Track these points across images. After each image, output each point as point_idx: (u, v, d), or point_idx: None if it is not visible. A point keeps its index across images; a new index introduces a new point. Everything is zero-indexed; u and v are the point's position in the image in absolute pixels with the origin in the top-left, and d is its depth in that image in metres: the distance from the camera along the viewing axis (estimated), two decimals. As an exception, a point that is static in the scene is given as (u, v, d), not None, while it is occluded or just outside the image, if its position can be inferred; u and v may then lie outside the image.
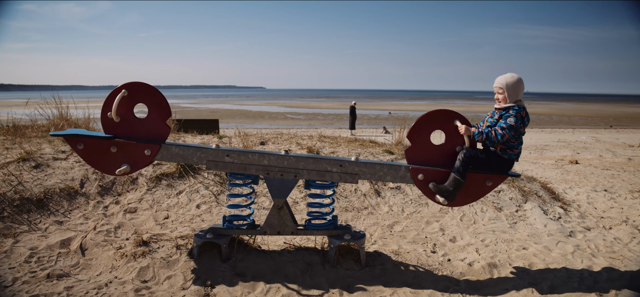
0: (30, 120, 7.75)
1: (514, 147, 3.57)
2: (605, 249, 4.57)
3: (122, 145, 3.62)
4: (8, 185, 4.79)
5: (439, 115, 3.66)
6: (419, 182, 3.70)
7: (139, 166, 3.68)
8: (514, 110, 3.47)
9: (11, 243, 4.02)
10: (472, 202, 3.81)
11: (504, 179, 3.72)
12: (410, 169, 3.70)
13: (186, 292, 3.42)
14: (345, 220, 5.16)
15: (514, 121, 3.43)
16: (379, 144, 7.77)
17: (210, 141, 7.05)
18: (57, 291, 3.35)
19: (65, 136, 3.60)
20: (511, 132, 3.43)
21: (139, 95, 3.62)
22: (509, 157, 3.58)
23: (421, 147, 3.69)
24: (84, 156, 3.63)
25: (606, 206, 6.40)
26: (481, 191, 3.72)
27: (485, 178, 3.66)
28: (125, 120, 3.63)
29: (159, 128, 3.68)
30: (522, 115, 3.49)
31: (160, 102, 3.64)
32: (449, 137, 3.68)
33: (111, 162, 3.64)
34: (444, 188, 3.56)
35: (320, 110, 52.40)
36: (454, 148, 3.66)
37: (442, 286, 3.67)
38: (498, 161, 3.59)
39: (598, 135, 21.13)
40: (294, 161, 3.73)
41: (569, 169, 10.00)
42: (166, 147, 3.69)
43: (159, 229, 4.54)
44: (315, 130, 12.73)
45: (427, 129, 3.68)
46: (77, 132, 3.62)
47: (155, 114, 3.65)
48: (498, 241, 4.67)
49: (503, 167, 3.63)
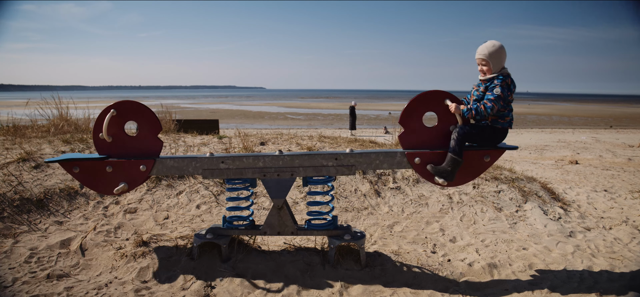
0: (30, 121, 7.75)
1: (505, 115, 3.50)
2: (605, 250, 4.57)
3: (117, 165, 3.66)
4: (8, 185, 4.79)
5: (429, 97, 3.64)
6: (416, 166, 3.68)
7: (137, 183, 3.72)
8: (499, 79, 3.39)
9: (11, 243, 4.02)
10: (471, 179, 3.76)
11: (501, 153, 3.68)
12: (406, 154, 3.68)
13: (186, 292, 3.42)
14: (345, 220, 5.16)
15: (501, 91, 3.35)
16: (378, 144, 7.77)
17: (210, 141, 7.05)
18: (57, 291, 3.35)
19: (61, 162, 3.67)
20: (500, 103, 3.35)
21: (128, 113, 3.67)
22: (502, 126, 3.52)
23: (415, 130, 3.68)
24: (81, 178, 3.69)
25: (606, 206, 6.40)
26: (480, 167, 3.69)
27: (483, 154, 3.63)
28: (118, 139, 3.68)
29: (151, 143, 3.71)
30: (508, 83, 3.41)
31: (150, 118, 3.68)
32: (441, 117, 3.65)
33: (108, 182, 3.69)
34: (442, 169, 3.53)
35: (320, 111, 52.41)
36: (447, 128, 3.63)
37: (442, 287, 3.67)
38: (492, 132, 3.53)
39: (598, 136, 21.14)
40: (289, 160, 3.74)
41: (569, 169, 10.00)
42: (161, 161, 3.73)
43: (159, 230, 4.54)
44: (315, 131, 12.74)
45: (418, 112, 3.66)
46: (72, 156, 3.70)
47: (146, 129, 3.69)
48: (498, 241, 4.67)
49: (497, 138, 3.57)
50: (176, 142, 6.90)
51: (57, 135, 6.75)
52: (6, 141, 6.09)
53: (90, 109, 8.31)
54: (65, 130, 7.41)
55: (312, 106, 63.13)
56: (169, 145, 6.68)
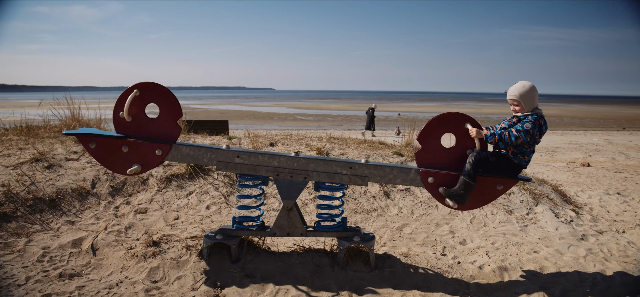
0: (43, 121, 7.84)
1: (526, 153, 3.55)
2: (618, 253, 4.51)
3: (134, 145, 3.64)
4: (21, 185, 4.85)
5: (450, 119, 3.64)
6: (428, 186, 3.69)
7: (150, 166, 3.71)
8: (533, 117, 3.46)
9: (24, 242, 4.07)
10: (482, 205, 3.78)
11: (514, 182, 3.69)
12: (420, 172, 3.69)
13: (196, 292, 3.43)
14: (355, 222, 5.15)
15: (531, 127, 3.41)
16: (388, 146, 7.75)
17: (220, 142, 7.08)
18: (69, 290, 3.38)
19: (78, 135, 3.63)
20: (526, 137, 3.40)
21: (151, 96, 3.64)
22: (519, 162, 3.56)
23: (431, 150, 3.68)
24: (96, 155, 3.67)
25: (619, 209, 6.31)
26: (491, 194, 3.69)
27: (496, 182, 3.63)
28: (137, 120, 3.66)
29: (170, 128, 3.70)
30: (541, 123, 3.47)
31: (172, 103, 3.66)
32: (460, 140, 3.66)
33: (122, 161, 3.67)
34: (454, 191, 3.55)
35: (329, 112, 52.42)
36: (464, 151, 3.65)
37: (451, 289, 3.65)
38: (508, 164, 3.56)
39: (610, 138, 20.88)
40: (304, 163, 3.73)
41: (581, 171, 9.88)
42: (177, 148, 3.71)
43: (169, 230, 4.57)
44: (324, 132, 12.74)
45: (437, 132, 3.66)
46: (90, 131, 3.66)
47: (167, 114, 3.68)
48: (509, 244, 4.63)
49: (512, 172, 3.61)
50: (186, 142, 6.93)
51: (69, 136, 6.82)
52: (20, 141, 6.17)
53: (102, 109, 8.38)
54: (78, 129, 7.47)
55: (321, 107, 63.17)
56: (179, 146, 6.71)
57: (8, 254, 3.87)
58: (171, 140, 3.72)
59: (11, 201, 4.58)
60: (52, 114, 7.88)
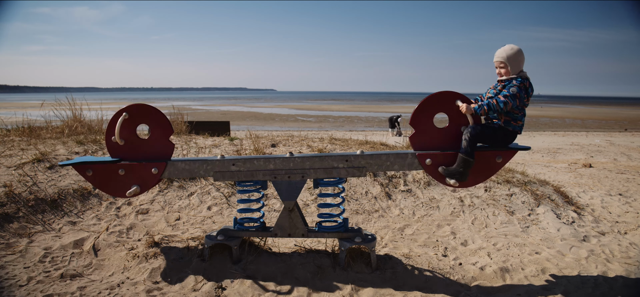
0: (45, 122, 7.86)
1: (518, 118, 3.50)
2: (620, 255, 4.50)
3: (130, 167, 3.70)
4: (23, 185, 4.86)
5: (440, 98, 3.62)
6: (427, 168, 3.66)
7: (149, 186, 3.76)
8: (518, 80, 3.41)
9: (26, 243, 4.08)
10: (483, 180, 3.74)
11: (513, 153, 3.65)
12: (417, 156, 3.66)
13: (197, 293, 3.44)
14: (356, 223, 5.15)
15: (517, 91, 3.36)
16: (389, 146, 7.75)
17: (221, 143, 7.09)
18: (71, 290, 3.39)
19: (74, 165, 3.72)
20: (515, 102, 3.35)
21: (140, 117, 3.70)
22: (513, 128, 3.52)
23: (426, 132, 3.66)
24: (94, 182, 3.74)
25: (621, 210, 6.30)
26: (492, 168, 3.66)
27: (495, 155, 3.60)
28: (130, 142, 3.72)
29: (163, 146, 3.74)
30: (526, 85, 3.42)
31: (161, 121, 3.71)
32: (453, 118, 3.64)
33: (120, 184, 3.73)
34: (453, 170, 3.52)
35: (331, 113, 52.42)
36: (458, 129, 3.61)
37: (453, 291, 3.65)
38: (503, 133, 3.52)
39: (612, 139, 20.83)
40: (299, 162, 3.74)
41: (583, 172, 9.86)
42: (172, 164, 3.76)
43: (171, 231, 4.58)
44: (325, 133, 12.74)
45: (429, 113, 3.64)
46: (85, 159, 3.74)
47: (158, 132, 3.72)
48: (510, 245, 4.62)
49: (509, 139, 3.57)
50: (188, 143, 6.94)
51: (70, 137, 6.84)
52: (22, 142, 6.19)
53: (104, 110, 8.40)
54: (79, 131, 7.51)
55: (322, 108, 63.17)
56: (181, 146, 6.73)
57: (10, 254, 3.88)
58: (166, 158, 3.77)
59: (13, 201, 4.59)
60: (54, 115, 7.89)
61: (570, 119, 45.75)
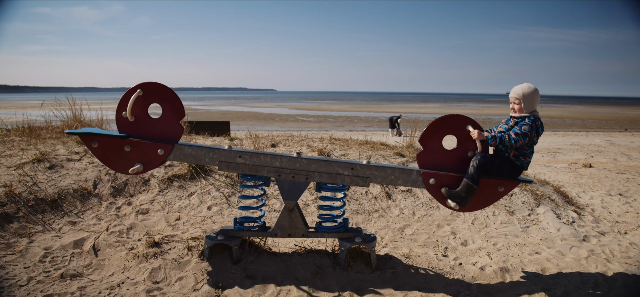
0: (45, 122, 7.85)
1: (526, 154, 3.61)
2: (620, 255, 4.50)
3: (136, 145, 3.66)
4: (23, 185, 4.86)
5: (451, 120, 3.65)
6: (430, 187, 3.69)
7: (152, 166, 3.72)
8: (530, 119, 3.52)
9: (26, 243, 4.08)
10: (483, 207, 3.79)
11: (516, 185, 3.72)
12: (422, 174, 3.69)
13: (197, 293, 3.44)
14: (356, 223, 5.15)
15: (529, 130, 3.47)
16: (389, 147, 7.74)
17: (222, 143, 7.09)
18: (71, 290, 3.39)
19: (81, 134, 3.65)
20: (525, 140, 3.46)
21: (154, 96, 3.66)
22: (521, 164, 3.62)
23: (433, 151, 3.69)
24: (98, 154, 3.68)
25: (621, 210, 6.30)
26: (493, 196, 3.70)
27: (498, 184, 3.65)
28: (140, 120, 3.68)
29: (172, 128, 3.71)
30: (537, 125, 3.54)
31: (175, 103, 3.68)
32: (461, 142, 3.67)
33: (124, 161, 3.68)
34: (456, 193, 3.56)
35: (331, 113, 52.41)
36: (465, 153, 3.66)
37: (453, 290, 3.65)
38: (511, 166, 3.61)
39: (612, 139, 20.83)
40: (305, 163, 3.73)
41: (583, 172, 9.86)
42: (179, 147, 3.72)
43: (171, 231, 4.58)
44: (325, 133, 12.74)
45: (439, 133, 3.67)
46: (92, 131, 3.67)
47: (169, 114, 3.69)
48: (510, 245, 4.62)
49: (514, 173, 3.65)
50: (188, 142, 6.94)
51: (71, 136, 6.83)
52: (22, 142, 6.18)
53: (104, 110, 8.40)
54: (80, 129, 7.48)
55: (322, 108, 63.16)
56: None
57: (10, 254, 3.88)
58: (173, 140, 3.73)
59: (13, 201, 4.59)
60: (54, 115, 7.89)
61: (570, 119, 45.73)
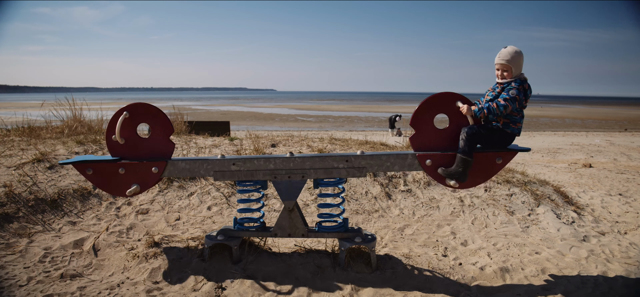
0: (45, 122, 7.86)
1: (517, 121, 3.52)
2: (620, 255, 4.50)
3: (130, 166, 3.70)
4: (23, 186, 4.86)
5: (440, 99, 3.63)
6: (427, 168, 3.67)
7: (149, 185, 3.76)
8: (516, 82, 3.43)
9: (26, 243, 4.08)
10: (484, 181, 3.74)
11: (513, 154, 3.66)
12: (418, 156, 3.67)
13: (197, 293, 3.44)
14: (356, 223, 5.15)
15: (517, 93, 3.38)
16: (389, 147, 7.75)
17: (221, 143, 7.09)
18: (71, 290, 3.39)
19: (74, 164, 3.72)
20: (514, 105, 3.38)
21: (141, 116, 3.70)
22: (511, 131, 3.53)
23: (426, 132, 3.67)
24: (94, 180, 3.74)
25: (621, 210, 6.30)
26: (492, 169, 3.66)
27: (495, 156, 3.61)
28: (130, 141, 3.72)
29: (163, 145, 3.74)
30: (525, 88, 3.45)
31: (162, 120, 3.71)
32: (453, 119, 3.64)
33: (121, 184, 3.73)
34: (453, 171, 3.52)
35: (331, 113, 52.41)
36: (458, 130, 3.61)
37: (453, 290, 3.65)
38: (501, 135, 3.53)
39: (612, 139, 20.83)
40: (299, 162, 3.74)
41: (583, 172, 9.86)
42: (173, 163, 3.76)
43: (171, 231, 4.58)
44: (326, 133, 12.74)
45: (429, 114, 3.65)
46: (85, 158, 3.74)
47: (159, 131, 3.72)
48: (510, 245, 4.62)
49: (506, 142, 3.58)
50: (188, 143, 6.95)
51: (70, 137, 6.84)
52: (21, 142, 6.19)
53: (103, 110, 8.40)
54: (79, 131, 7.51)
55: (322, 108, 63.16)
56: (181, 146, 6.73)
57: (10, 254, 3.88)
58: (166, 157, 3.76)
59: (13, 201, 4.59)
60: (54, 115, 7.89)
61: (570, 119, 45.73)
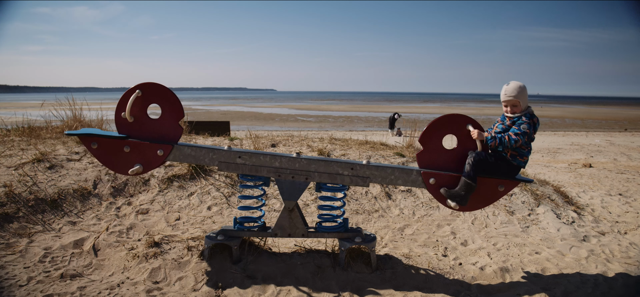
0: (44, 122, 7.85)
1: (525, 154, 3.59)
2: (620, 255, 4.50)
3: (135, 145, 3.65)
4: (23, 185, 4.86)
5: (451, 120, 3.65)
6: (430, 187, 3.69)
7: (152, 166, 3.71)
8: (527, 116, 3.50)
9: (26, 243, 4.08)
10: (483, 207, 3.79)
11: (516, 184, 3.71)
12: (422, 173, 3.69)
13: (197, 293, 3.43)
14: (356, 223, 5.15)
15: (528, 127, 3.45)
16: (389, 147, 7.74)
17: (222, 143, 7.09)
18: (71, 290, 3.39)
19: (80, 135, 3.65)
20: (524, 139, 3.44)
21: (153, 96, 3.65)
22: (518, 163, 3.59)
23: (433, 151, 3.68)
24: (98, 155, 3.68)
25: (621, 210, 6.30)
26: (493, 195, 3.69)
27: (498, 183, 3.64)
28: (139, 120, 3.67)
29: (171, 129, 3.71)
30: (534, 122, 3.52)
31: (174, 103, 3.67)
32: (461, 141, 3.67)
33: (124, 161, 3.68)
34: (455, 193, 3.55)
35: (331, 113, 52.41)
36: (465, 153, 3.65)
37: (453, 290, 3.65)
38: (507, 166, 3.59)
39: (612, 139, 20.83)
40: (305, 163, 3.73)
41: (583, 172, 9.86)
42: (179, 148, 3.71)
43: (171, 231, 4.58)
44: (325, 133, 12.74)
45: (439, 133, 3.67)
46: (91, 131, 3.67)
47: (169, 114, 3.69)
48: (510, 245, 4.62)
49: (512, 173, 3.64)
50: (187, 142, 6.94)
51: (71, 136, 6.83)
52: (21, 142, 6.18)
53: (104, 110, 8.40)
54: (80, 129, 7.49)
55: (322, 108, 63.15)
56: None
57: (10, 254, 3.88)
58: (173, 141, 3.73)
59: (13, 201, 4.59)
60: (53, 115, 7.89)
61: (570, 119, 45.73)
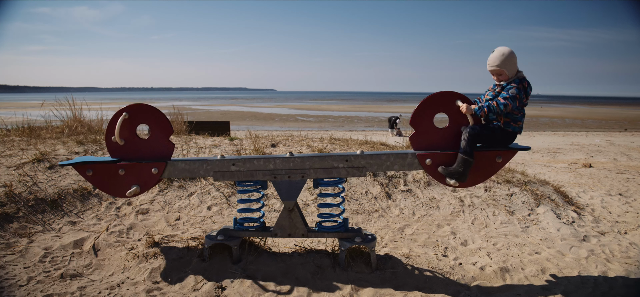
0: (45, 122, 7.86)
1: (518, 119, 3.50)
2: (620, 255, 4.50)
3: (130, 167, 3.70)
4: (23, 185, 4.86)
5: (440, 98, 3.62)
6: (427, 168, 3.66)
7: (149, 186, 3.76)
8: (516, 81, 3.39)
9: (26, 243, 4.08)
10: (483, 180, 3.73)
11: (513, 153, 3.64)
12: (417, 155, 3.66)
13: (197, 293, 3.44)
14: (356, 223, 5.15)
15: (516, 92, 3.35)
16: (389, 147, 7.75)
17: (221, 143, 7.08)
18: (71, 290, 3.39)
19: (74, 165, 3.72)
20: (515, 103, 3.35)
21: (140, 116, 3.70)
22: (513, 130, 3.51)
23: (426, 132, 3.66)
24: (94, 181, 3.74)
25: (621, 210, 6.30)
26: (492, 168, 3.65)
27: (495, 155, 3.60)
28: (130, 142, 3.72)
29: (163, 146, 3.75)
30: (525, 85, 3.41)
31: (162, 121, 3.72)
32: (453, 118, 3.63)
33: (120, 184, 3.73)
34: (453, 170, 3.51)
35: (331, 113, 52.40)
36: (458, 129, 3.60)
37: (453, 290, 3.65)
38: (502, 134, 3.52)
39: (612, 139, 20.82)
40: (299, 162, 3.74)
41: (583, 172, 9.86)
42: (172, 164, 3.76)
43: (171, 231, 4.58)
44: (325, 133, 12.74)
45: (429, 113, 3.64)
46: (85, 159, 3.74)
47: (158, 132, 3.73)
48: (510, 245, 4.62)
49: (508, 140, 3.57)
50: (188, 143, 6.95)
51: (70, 137, 6.84)
52: (22, 142, 6.19)
53: (103, 110, 8.41)
54: (79, 131, 7.51)
55: (322, 108, 63.14)
56: (181, 146, 6.73)
57: (10, 254, 3.88)
58: (166, 158, 3.77)
59: (13, 201, 4.59)
60: (54, 115, 7.89)
61: (570, 119, 45.72)
